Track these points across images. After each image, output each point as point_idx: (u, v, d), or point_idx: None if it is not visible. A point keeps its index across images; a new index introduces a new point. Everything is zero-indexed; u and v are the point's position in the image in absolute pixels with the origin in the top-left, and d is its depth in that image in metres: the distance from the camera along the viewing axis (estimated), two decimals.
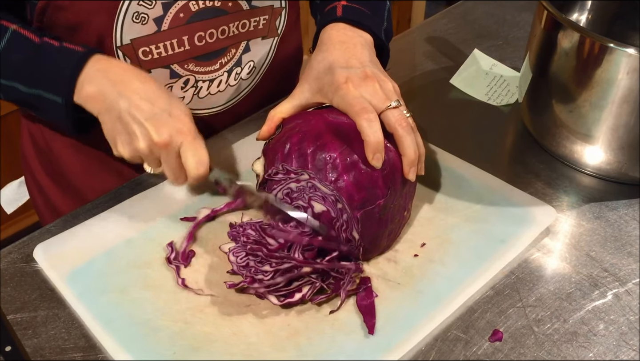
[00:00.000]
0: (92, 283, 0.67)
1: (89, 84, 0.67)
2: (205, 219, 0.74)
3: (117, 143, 0.68)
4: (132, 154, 0.68)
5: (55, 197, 0.92)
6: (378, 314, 0.64)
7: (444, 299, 0.65)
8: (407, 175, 0.67)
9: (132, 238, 0.72)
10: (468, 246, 0.71)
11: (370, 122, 0.65)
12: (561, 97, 0.80)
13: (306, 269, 0.63)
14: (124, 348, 0.61)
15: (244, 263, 0.65)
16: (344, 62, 0.70)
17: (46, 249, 0.70)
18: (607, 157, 0.79)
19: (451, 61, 1.06)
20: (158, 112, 0.66)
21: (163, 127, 0.66)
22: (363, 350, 0.61)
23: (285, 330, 0.63)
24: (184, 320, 0.64)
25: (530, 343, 0.63)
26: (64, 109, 0.69)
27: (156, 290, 0.67)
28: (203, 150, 0.68)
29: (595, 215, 0.78)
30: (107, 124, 0.68)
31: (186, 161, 0.67)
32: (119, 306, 0.65)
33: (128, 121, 0.66)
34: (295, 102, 0.73)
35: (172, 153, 0.67)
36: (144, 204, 0.76)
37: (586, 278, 0.70)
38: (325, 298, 0.65)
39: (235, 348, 0.61)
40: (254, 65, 0.89)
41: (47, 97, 0.69)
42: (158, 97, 0.68)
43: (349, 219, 0.64)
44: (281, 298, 0.64)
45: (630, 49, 0.71)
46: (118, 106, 0.66)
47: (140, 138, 0.66)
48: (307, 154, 0.65)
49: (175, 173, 0.69)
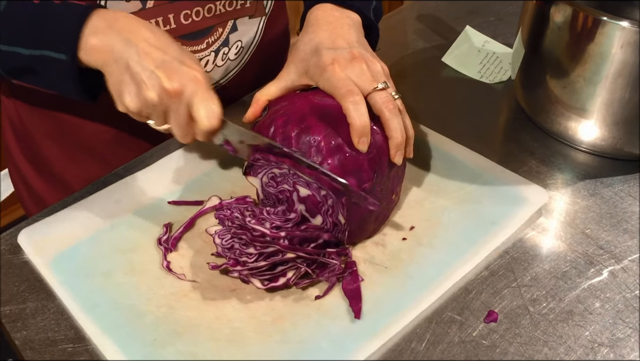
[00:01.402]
0: (77, 268, 0.66)
1: (94, 35, 0.62)
2: (212, 210, 0.72)
3: (124, 95, 0.62)
4: (139, 107, 0.62)
5: (39, 186, 0.91)
6: (364, 298, 0.63)
7: (431, 283, 0.65)
8: (393, 158, 0.66)
9: (118, 222, 0.71)
10: (458, 229, 0.70)
11: (356, 105, 0.63)
12: (555, 73, 0.79)
13: (290, 255, 0.62)
14: (108, 334, 0.61)
15: (229, 245, 0.64)
16: (331, 43, 0.68)
17: (30, 235, 0.70)
18: (601, 133, 0.78)
19: (443, 39, 1.05)
20: (169, 60, 0.61)
21: (175, 75, 0.61)
22: (348, 335, 0.60)
23: (270, 315, 0.62)
24: (168, 304, 0.63)
25: (525, 323, 0.62)
26: (70, 67, 0.64)
27: (141, 275, 0.66)
28: (216, 101, 0.62)
29: (590, 192, 0.77)
30: (113, 75, 0.63)
31: (198, 113, 0.61)
32: (104, 291, 0.64)
33: (137, 70, 0.61)
34: (281, 84, 0.72)
35: (183, 103, 0.61)
36: (130, 188, 0.75)
37: (582, 256, 0.69)
38: (310, 282, 0.64)
39: (219, 333, 0.61)
40: (241, 45, 0.87)
41: (51, 57, 0.64)
42: (169, 45, 0.63)
43: (334, 203, 0.63)
44: (265, 282, 0.63)
45: (623, 22, 0.69)
46: (126, 54, 0.61)
47: (149, 87, 0.60)
48: (292, 137, 0.64)
49: (184, 128, 0.63)
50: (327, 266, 0.65)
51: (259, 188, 0.68)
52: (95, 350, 0.60)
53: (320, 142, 0.63)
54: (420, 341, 0.61)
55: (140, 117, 0.65)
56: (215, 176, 0.77)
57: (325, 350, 0.59)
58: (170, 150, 0.82)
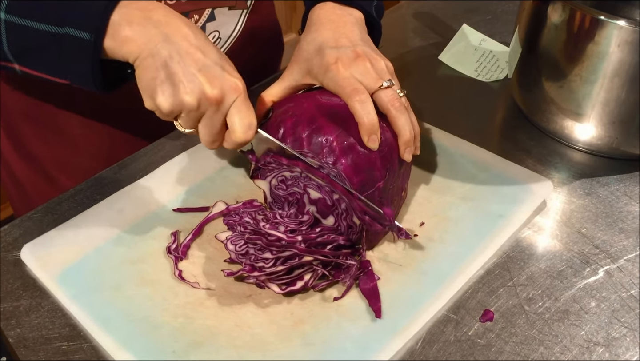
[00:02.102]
0: (85, 283, 0.64)
1: (129, 25, 0.58)
2: (219, 215, 0.71)
3: (157, 93, 0.58)
4: (173, 108, 0.59)
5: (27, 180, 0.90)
6: (382, 297, 0.63)
7: (446, 278, 0.64)
8: (402, 156, 0.66)
9: (123, 233, 0.69)
10: (467, 223, 0.70)
11: (363, 104, 0.63)
12: (551, 72, 0.79)
13: (307, 258, 0.61)
14: (124, 346, 0.59)
15: (244, 251, 0.63)
16: (334, 42, 0.68)
17: (34, 250, 0.67)
18: (598, 133, 0.78)
19: (439, 37, 1.05)
20: (210, 64, 0.59)
21: (216, 81, 0.58)
22: (369, 335, 0.60)
23: (289, 319, 0.61)
24: (184, 314, 0.62)
25: (521, 323, 0.62)
26: (91, 50, 0.58)
27: (153, 286, 0.64)
28: (253, 113, 0.61)
29: (586, 191, 0.77)
30: (147, 71, 0.58)
31: (234, 123, 0.59)
32: (115, 304, 0.62)
33: (177, 70, 0.58)
34: (285, 85, 0.71)
35: (221, 111, 0.59)
36: (132, 196, 0.73)
37: (577, 256, 0.69)
38: (327, 284, 0.64)
39: (239, 340, 0.59)
40: (219, 36, 0.85)
41: (72, 35, 0.58)
42: (208, 46, 0.60)
43: (348, 207, 0.63)
44: (283, 286, 0.62)
45: (621, 22, 0.69)
46: (165, 51, 0.58)
47: (189, 90, 0.58)
48: (303, 138, 0.63)
49: (215, 135, 0.61)
50: (342, 267, 0.64)
51: (267, 191, 0.67)
52: (89, 349, 0.60)
53: (333, 143, 0.63)
54: (416, 340, 0.61)
55: (168, 117, 0.62)
56: (218, 180, 0.76)
57: (349, 351, 0.58)
58: (165, 147, 0.81)
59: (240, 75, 0.62)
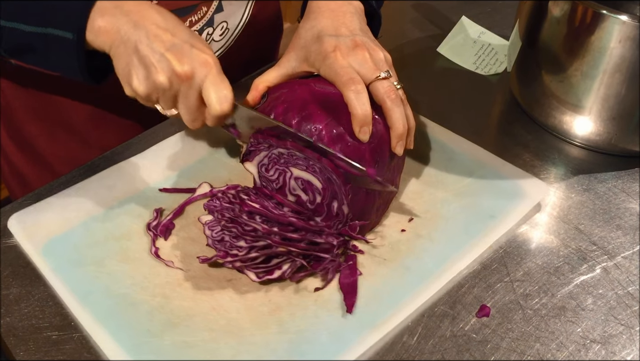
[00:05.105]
0: (68, 255, 0.65)
1: (101, 16, 0.60)
2: (202, 197, 0.71)
3: (132, 78, 0.60)
4: (148, 90, 0.61)
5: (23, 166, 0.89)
6: (363, 290, 0.62)
7: (430, 276, 0.64)
8: (394, 149, 0.65)
9: (111, 209, 0.70)
10: (457, 222, 0.69)
11: (358, 94, 0.62)
12: (551, 67, 0.78)
13: (281, 249, 0.61)
14: (100, 322, 0.59)
15: (219, 238, 0.63)
16: (333, 31, 0.67)
17: (21, 220, 0.68)
18: (597, 128, 0.78)
19: (438, 29, 1.04)
20: (179, 43, 0.60)
21: (185, 58, 0.59)
22: (346, 327, 0.60)
23: (267, 306, 0.61)
24: (162, 294, 0.62)
25: (517, 318, 0.62)
26: (75, 47, 0.61)
27: (135, 263, 0.65)
28: (228, 85, 0.61)
29: (584, 187, 0.76)
30: (121, 58, 0.61)
31: (209, 97, 0.60)
32: (96, 280, 0.63)
33: (146, 52, 0.59)
34: (281, 71, 0.70)
35: (193, 87, 0.60)
36: (123, 174, 0.74)
37: (574, 252, 0.68)
38: (305, 275, 0.63)
39: (215, 324, 0.60)
40: (227, 27, 0.85)
41: (56, 35, 0.62)
42: (178, 27, 0.62)
43: (338, 189, 0.62)
44: (260, 275, 0.62)
45: (623, 16, 0.69)
46: (135, 37, 0.59)
47: (159, 70, 0.59)
48: (292, 125, 0.63)
49: (193, 113, 0.62)
50: (322, 260, 0.63)
51: (256, 174, 0.67)
52: (80, 339, 0.59)
53: (322, 131, 0.62)
54: (411, 334, 0.60)
55: (148, 101, 0.63)
56: (210, 163, 0.76)
57: (324, 342, 0.58)
58: (159, 135, 0.80)
59: (212, 51, 0.62)
